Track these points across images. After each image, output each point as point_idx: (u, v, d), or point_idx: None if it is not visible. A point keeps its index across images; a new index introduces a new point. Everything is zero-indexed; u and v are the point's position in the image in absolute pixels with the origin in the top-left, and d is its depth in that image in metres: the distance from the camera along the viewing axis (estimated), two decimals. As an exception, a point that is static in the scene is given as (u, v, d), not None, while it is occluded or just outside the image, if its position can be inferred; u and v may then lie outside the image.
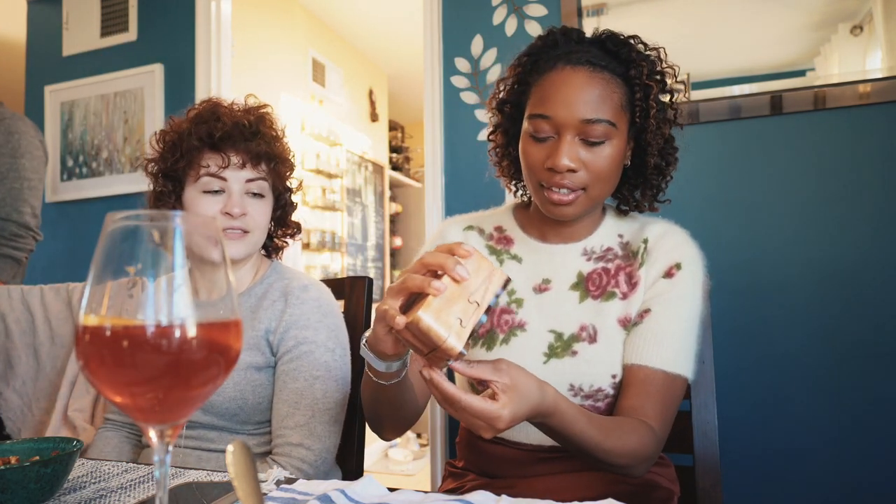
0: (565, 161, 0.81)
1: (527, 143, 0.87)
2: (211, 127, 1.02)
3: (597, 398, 0.86)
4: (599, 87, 0.82)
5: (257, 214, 1.05)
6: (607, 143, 0.83)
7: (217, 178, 1.03)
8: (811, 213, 1.49)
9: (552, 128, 0.83)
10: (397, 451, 3.98)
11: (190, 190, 1.04)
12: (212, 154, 1.03)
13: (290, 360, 1.02)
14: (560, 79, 0.83)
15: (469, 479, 0.94)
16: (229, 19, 2.38)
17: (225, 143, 1.03)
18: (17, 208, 1.80)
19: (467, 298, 0.62)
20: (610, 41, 0.86)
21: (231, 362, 0.41)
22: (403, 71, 4.62)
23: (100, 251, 0.38)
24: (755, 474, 1.49)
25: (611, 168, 0.84)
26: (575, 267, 0.92)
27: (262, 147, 1.05)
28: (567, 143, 0.82)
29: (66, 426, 1.44)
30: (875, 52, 1.47)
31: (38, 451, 0.70)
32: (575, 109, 0.81)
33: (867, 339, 1.43)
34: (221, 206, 1.02)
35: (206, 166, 1.03)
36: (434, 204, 1.89)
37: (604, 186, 0.86)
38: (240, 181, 1.04)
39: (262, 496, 0.47)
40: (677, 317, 0.85)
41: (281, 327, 1.03)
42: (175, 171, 1.05)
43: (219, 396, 1.00)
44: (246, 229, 1.04)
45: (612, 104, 0.82)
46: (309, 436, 0.97)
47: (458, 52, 1.88)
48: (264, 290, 1.09)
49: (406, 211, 5.39)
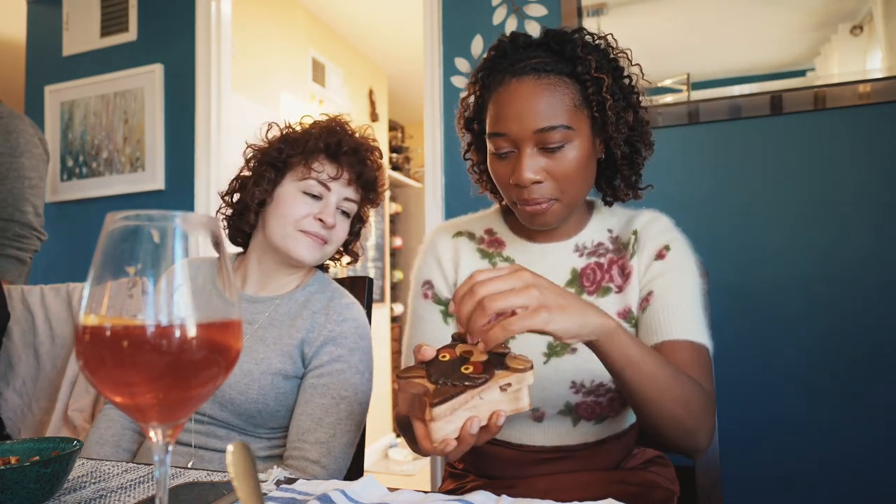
0: (528, 175, 0.81)
1: (492, 161, 0.87)
2: (341, 138, 1.08)
3: (598, 393, 0.85)
4: (547, 93, 0.81)
5: (341, 231, 1.10)
6: (568, 147, 0.82)
7: (322, 185, 1.07)
8: (811, 213, 1.49)
9: (510, 143, 0.83)
10: (397, 451, 3.98)
11: (289, 185, 1.07)
12: (328, 162, 1.08)
13: (320, 374, 1.02)
14: (508, 93, 0.83)
15: (469, 480, 0.95)
16: (229, 19, 2.38)
17: (344, 158, 1.08)
18: (19, 208, 1.79)
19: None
20: (553, 40, 0.85)
21: (231, 362, 0.41)
22: (403, 71, 4.62)
23: (100, 251, 0.38)
24: (755, 474, 1.49)
25: (577, 171, 0.83)
26: (568, 264, 0.91)
27: (371, 174, 1.11)
28: (527, 156, 0.81)
29: (66, 426, 1.45)
30: (875, 52, 1.47)
31: (38, 451, 0.70)
32: (526, 122, 0.80)
33: (867, 339, 1.43)
34: (315, 211, 1.06)
35: (318, 171, 1.06)
36: (434, 204, 1.89)
37: (575, 189, 0.84)
38: (339, 196, 1.08)
39: (262, 496, 0.47)
40: (681, 290, 0.84)
41: (318, 341, 1.04)
42: (285, 163, 1.08)
43: (242, 396, 0.99)
44: (327, 240, 1.08)
45: (563, 107, 0.81)
46: (327, 454, 0.97)
47: (458, 52, 1.88)
48: (306, 297, 1.10)
49: (406, 211, 5.39)
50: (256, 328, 1.06)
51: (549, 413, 0.87)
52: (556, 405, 0.86)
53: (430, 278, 0.97)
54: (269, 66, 3.22)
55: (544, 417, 0.87)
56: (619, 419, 0.90)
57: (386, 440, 4.27)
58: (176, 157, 2.33)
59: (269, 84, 3.21)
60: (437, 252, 0.97)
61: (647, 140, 0.89)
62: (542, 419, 0.88)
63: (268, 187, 1.08)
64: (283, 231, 1.05)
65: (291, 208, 1.05)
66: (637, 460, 0.93)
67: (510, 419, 0.89)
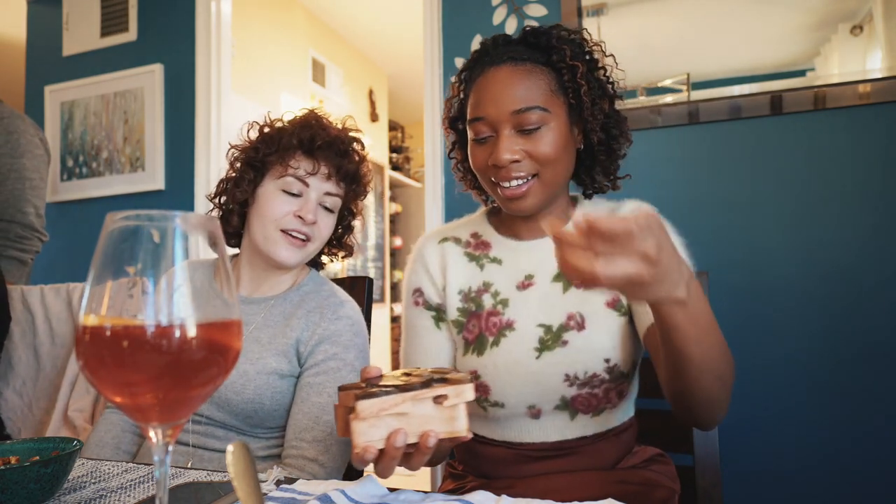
0: (506, 155, 0.84)
1: (472, 148, 0.91)
2: (315, 133, 1.06)
3: (593, 384, 0.86)
4: (524, 78, 0.85)
5: (324, 227, 1.09)
6: (545, 129, 0.85)
7: (300, 182, 1.06)
8: (811, 213, 1.49)
9: (489, 127, 0.86)
10: (397, 451, 3.97)
11: (269, 184, 1.07)
12: (304, 158, 1.07)
13: (316, 373, 1.02)
14: (486, 80, 0.87)
15: (469, 481, 0.95)
16: (229, 19, 2.38)
17: (320, 152, 1.07)
18: (20, 209, 1.78)
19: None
20: (531, 35, 0.90)
21: (231, 362, 0.41)
22: (403, 71, 4.62)
23: (100, 251, 0.38)
24: (755, 474, 1.49)
25: (555, 151, 0.85)
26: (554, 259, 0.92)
27: (350, 166, 1.10)
28: (505, 137, 0.85)
29: (66, 426, 1.45)
30: (875, 52, 1.47)
31: (38, 451, 0.70)
32: (503, 104, 0.84)
33: (867, 339, 1.43)
34: (295, 208, 1.05)
35: (294, 167, 1.06)
36: (434, 204, 1.89)
37: (555, 169, 0.86)
38: (319, 191, 1.07)
39: (262, 496, 0.47)
40: None
41: (313, 339, 1.04)
42: (263, 162, 1.08)
43: (238, 397, 1.00)
44: (310, 237, 1.07)
45: (539, 91, 0.85)
46: (324, 452, 0.97)
47: (458, 52, 1.88)
48: (300, 297, 1.10)
49: (406, 211, 5.39)
50: (252, 329, 1.06)
51: (545, 409, 0.87)
52: (551, 400, 0.86)
53: (419, 286, 0.99)
54: (269, 66, 3.22)
55: (541, 414, 0.88)
56: (616, 412, 0.90)
57: (386, 440, 4.26)
58: (176, 157, 2.33)
59: (269, 84, 3.21)
60: (425, 259, 1.00)
61: (623, 129, 0.92)
62: (539, 416, 0.88)
63: (248, 188, 1.08)
64: (264, 232, 1.05)
65: (272, 208, 1.05)
66: (637, 458, 0.93)
67: (506, 420, 0.89)
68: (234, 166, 1.11)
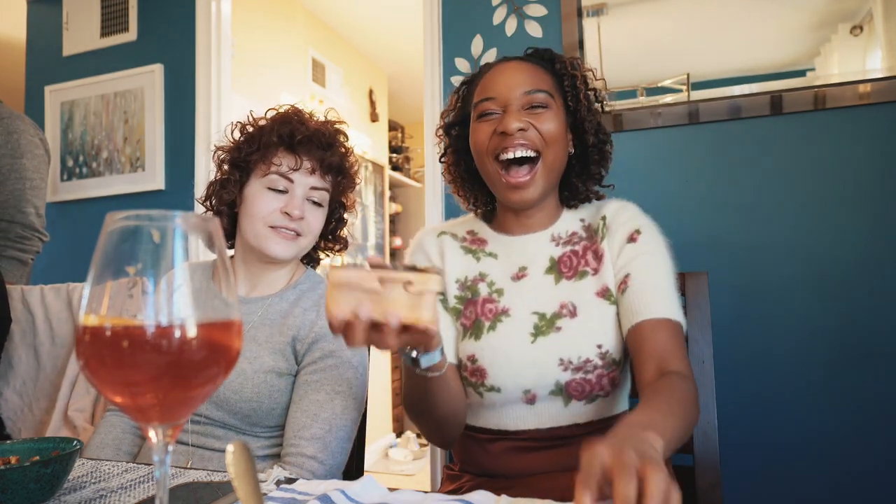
0: (514, 123, 0.89)
1: (475, 126, 0.96)
2: (293, 128, 1.06)
3: (586, 370, 0.88)
4: (533, 69, 0.95)
5: (314, 221, 1.09)
6: (550, 110, 0.92)
7: (284, 178, 1.06)
8: (811, 213, 1.49)
9: (498, 105, 0.93)
10: (397, 451, 3.98)
11: (255, 183, 1.07)
12: (286, 154, 1.07)
13: (314, 371, 1.02)
14: (497, 70, 0.96)
15: (466, 480, 0.95)
16: (229, 19, 2.38)
17: (301, 147, 1.07)
18: (20, 209, 1.78)
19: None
20: (535, 53, 1.01)
21: (231, 362, 0.41)
22: (403, 71, 4.62)
23: (100, 251, 0.38)
24: (755, 474, 1.49)
25: (558, 132, 0.92)
26: (546, 252, 0.98)
27: (334, 159, 1.09)
28: (513, 110, 0.91)
29: (66, 426, 1.45)
30: (875, 52, 1.47)
31: (38, 451, 0.70)
32: (515, 85, 0.92)
33: (867, 339, 1.43)
34: (282, 205, 1.05)
35: (277, 164, 1.06)
36: (434, 204, 1.89)
37: (555, 153, 0.93)
38: (304, 186, 1.07)
39: (262, 496, 0.47)
40: (656, 272, 0.90)
41: (310, 337, 1.04)
42: (246, 162, 1.08)
43: (236, 396, 1.00)
44: (300, 232, 1.07)
45: (546, 82, 0.94)
46: (323, 449, 0.97)
47: (458, 52, 1.88)
48: (297, 296, 1.10)
49: (406, 211, 5.39)
50: (249, 328, 1.06)
51: (540, 394, 0.89)
52: (546, 385, 0.88)
53: None
54: (269, 66, 3.22)
55: (536, 399, 0.90)
56: (609, 401, 0.92)
57: (386, 440, 4.27)
58: (176, 157, 2.32)
59: (270, 84, 3.21)
60: (425, 249, 1.05)
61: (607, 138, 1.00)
62: (534, 401, 0.90)
63: (234, 189, 1.08)
64: (254, 230, 1.06)
65: (259, 206, 1.05)
66: (636, 459, 0.93)
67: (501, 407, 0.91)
68: (221, 168, 1.11)
